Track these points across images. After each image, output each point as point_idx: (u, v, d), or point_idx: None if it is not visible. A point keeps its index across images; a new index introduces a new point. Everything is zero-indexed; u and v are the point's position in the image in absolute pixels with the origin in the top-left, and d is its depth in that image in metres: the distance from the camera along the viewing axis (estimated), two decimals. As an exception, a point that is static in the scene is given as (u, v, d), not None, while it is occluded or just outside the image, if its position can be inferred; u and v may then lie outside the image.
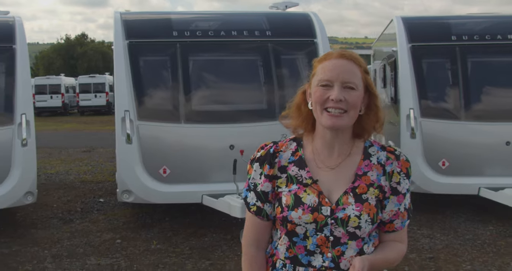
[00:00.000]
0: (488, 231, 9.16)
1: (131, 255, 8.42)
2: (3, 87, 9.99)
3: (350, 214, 2.50)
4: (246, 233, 2.79)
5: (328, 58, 2.57)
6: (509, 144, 9.96)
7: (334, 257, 2.52)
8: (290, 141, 2.74)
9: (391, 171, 2.61)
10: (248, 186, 2.74)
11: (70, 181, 14.11)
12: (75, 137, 25.41)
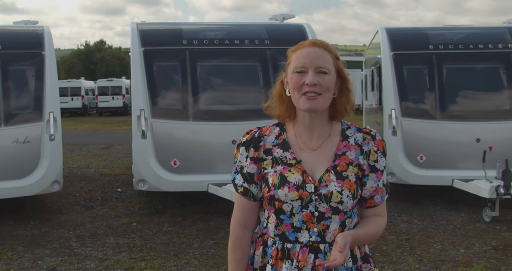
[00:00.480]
0: (460, 217, 9.38)
1: (145, 235, 8.69)
2: (33, 89, 10.20)
3: (333, 190, 2.53)
4: (234, 213, 2.80)
5: (301, 47, 2.60)
6: (479, 140, 10.11)
7: (320, 231, 2.55)
8: (273, 126, 2.77)
9: (368, 150, 2.65)
10: (235, 168, 2.76)
11: (91, 174, 14.28)
12: (94, 135, 25.23)
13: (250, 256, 2.72)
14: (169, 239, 8.49)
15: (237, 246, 2.69)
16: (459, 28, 12.49)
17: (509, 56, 10.83)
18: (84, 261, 7.36)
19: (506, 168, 8.97)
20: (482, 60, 11.17)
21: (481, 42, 11.08)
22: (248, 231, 2.71)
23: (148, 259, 7.45)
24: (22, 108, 10.21)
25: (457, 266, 6.98)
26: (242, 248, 2.69)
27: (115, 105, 42.48)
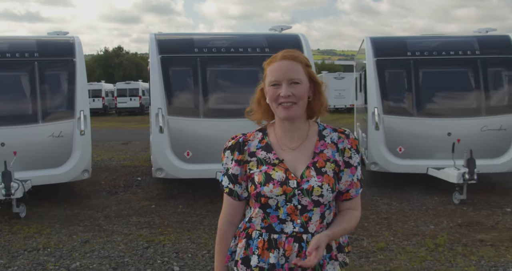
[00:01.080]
0: (433, 200, 9.78)
1: (163, 215, 9.13)
2: (66, 91, 10.52)
3: (314, 184, 2.55)
4: (222, 211, 2.83)
5: (273, 61, 2.62)
6: (450, 134, 10.37)
7: (302, 222, 2.56)
8: (256, 132, 2.78)
9: (343, 148, 2.66)
10: (223, 171, 2.77)
11: (113, 165, 14.57)
12: (114, 132, 25.10)
13: (230, 248, 2.76)
14: (183, 218, 8.91)
15: (223, 241, 2.75)
16: (434, 37, 12.71)
17: (476, 62, 11.03)
18: (112, 236, 7.79)
19: (470, 157, 9.30)
20: (453, 65, 11.40)
21: (453, 49, 11.32)
22: (234, 227, 2.76)
23: (166, 233, 7.88)
24: (56, 107, 10.48)
25: (425, 238, 7.36)
26: (227, 242, 2.75)
27: (132, 105, 42.52)
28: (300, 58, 2.58)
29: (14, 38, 11.89)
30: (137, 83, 45.86)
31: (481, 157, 9.94)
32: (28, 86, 10.40)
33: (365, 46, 11.71)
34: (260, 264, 2.56)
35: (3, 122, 9.86)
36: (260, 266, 2.56)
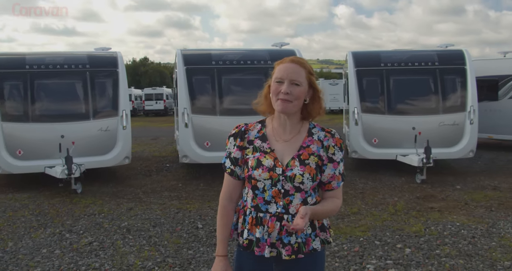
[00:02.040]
0: (400, 180, 10.48)
1: (188, 191, 9.90)
2: (111, 94, 11.11)
3: (296, 173, 2.53)
4: (222, 189, 2.78)
5: (283, 62, 2.58)
6: (414, 128, 10.93)
7: (284, 204, 2.54)
8: (256, 123, 2.75)
9: (327, 145, 2.62)
10: (226, 154, 2.74)
11: (145, 156, 15.11)
12: (144, 130, 25.34)
13: (234, 223, 2.71)
14: (203, 193, 9.69)
15: (223, 214, 2.70)
16: (403, 51, 13.07)
17: (435, 71, 11.52)
18: (150, 205, 8.67)
19: (427, 146, 10.03)
20: (417, 73, 11.79)
21: (417, 61, 11.77)
22: (232, 203, 2.72)
23: (191, 203, 8.74)
24: (104, 107, 11.07)
25: (388, 206, 8.25)
26: (227, 215, 2.70)
27: (158, 108, 42.60)
28: (305, 65, 2.59)
29: (70, 53, 12.51)
30: (162, 89, 45.85)
31: (439, 146, 10.58)
32: (81, 91, 10.96)
33: (348, 59, 12.14)
34: (250, 237, 2.58)
35: (63, 119, 10.49)
36: (249, 238, 2.58)
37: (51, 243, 6.54)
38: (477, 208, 8.08)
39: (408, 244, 6.22)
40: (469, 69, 11.37)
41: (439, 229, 6.85)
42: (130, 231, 7.05)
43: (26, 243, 6.56)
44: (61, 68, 10.86)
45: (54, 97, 10.93)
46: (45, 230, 7.20)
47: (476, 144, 11.17)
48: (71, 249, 6.29)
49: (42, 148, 10.24)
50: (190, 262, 5.71)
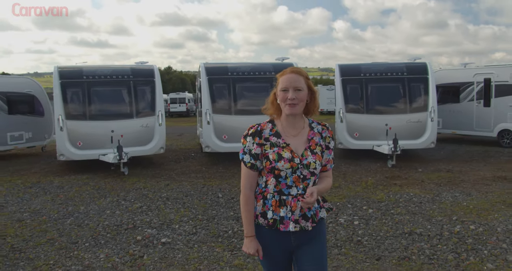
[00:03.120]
0: (376, 165, 11.45)
1: (210, 173, 10.91)
2: (150, 98, 12.01)
3: (310, 161, 2.62)
4: (243, 180, 2.74)
5: (284, 74, 2.63)
6: (386, 125, 11.76)
7: (303, 187, 2.61)
8: (267, 123, 2.74)
9: (325, 136, 2.74)
10: (243, 151, 2.70)
11: (174, 148, 15.93)
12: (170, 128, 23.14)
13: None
14: (222, 174, 10.75)
15: (248, 202, 2.70)
16: (379, 63, 13.70)
17: (404, 80, 12.32)
18: (181, 182, 9.82)
19: (395, 138, 11.03)
20: (390, 81, 12.57)
21: (390, 72, 12.61)
22: (253, 191, 2.73)
23: (213, 181, 9.86)
24: (144, 108, 11.97)
25: (362, 182, 9.33)
26: (251, 202, 2.71)
27: (181, 110, 42.94)
28: (302, 73, 2.66)
29: (117, 66, 13.42)
30: (184, 93, 46.38)
31: (406, 139, 11.54)
32: (127, 96, 11.95)
33: (335, 70, 12.97)
34: (274, 217, 2.63)
35: (113, 118, 11.53)
36: (274, 218, 2.63)
37: (112, 207, 7.84)
38: (429, 184, 9.19)
39: (371, 206, 7.45)
40: (430, 78, 12.22)
41: (396, 197, 8.05)
42: (169, 199, 8.33)
43: (93, 207, 7.85)
44: (111, 78, 11.91)
45: (106, 100, 11.95)
46: (105, 199, 8.48)
47: (436, 137, 12.05)
48: (127, 210, 7.58)
49: (96, 140, 11.28)
50: (214, 218, 6.99)
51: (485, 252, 5.25)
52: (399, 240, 5.75)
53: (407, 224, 6.45)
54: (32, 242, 5.98)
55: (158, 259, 5.28)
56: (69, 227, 6.68)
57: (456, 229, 6.15)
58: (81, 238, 6.12)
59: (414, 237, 5.86)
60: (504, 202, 7.59)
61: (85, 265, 5.13)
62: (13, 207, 7.99)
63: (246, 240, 2.73)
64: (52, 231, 6.47)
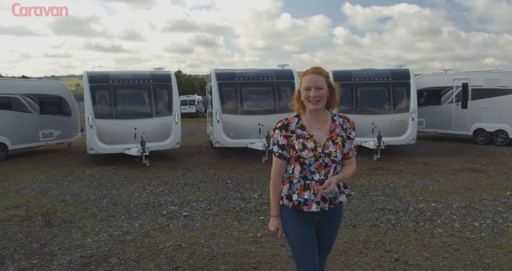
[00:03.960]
0: (365, 159, 12.13)
1: (220, 165, 11.84)
2: (167, 100, 12.76)
3: (332, 150, 2.74)
4: (273, 168, 2.88)
5: (306, 74, 2.76)
6: (373, 124, 12.57)
7: (325, 173, 2.75)
8: (293, 117, 2.86)
9: (346, 128, 2.86)
10: (273, 142, 2.85)
11: (187, 145, 16.39)
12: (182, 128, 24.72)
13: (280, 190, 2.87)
14: (230, 165, 11.70)
15: (275, 186, 2.86)
16: (367, 70, 14.46)
17: (389, 84, 13.08)
18: (196, 172, 10.82)
19: (379, 135, 11.97)
20: (376, 86, 13.28)
21: (376, 77, 13.36)
22: (280, 177, 2.87)
23: (222, 171, 10.84)
24: (163, 109, 12.77)
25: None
26: (278, 187, 2.86)
27: (191, 111, 43.24)
28: (323, 73, 2.78)
29: (138, 71, 14.31)
30: (194, 96, 47.31)
31: (390, 136, 12.45)
32: (147, 97, 12.80)
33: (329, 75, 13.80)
34: (299, 199, 2.77)
35: (136, 117, 12.45)
36: (299, 200, 2.77)
37: (139, 191, 8.94)
38: (406, 173, 10.21)
39: (354, 190, 8.50)
40: (412, 83, 13.10)
41: (376, 183, 9.11)
42: (186, 184, 9.42)
43: (123, 191, 8.95)
44: (133, 82, 12.87)
45: (129, 102, 12.86)
46: (132, 184, 9.57)
47: (416, 134, 12.95)
48: (152, 193, 8.68)
49: (121, 136, 12.25)
50: (224, 198, 8.09)
51: (438, 222, 6.34)
52: (372, 213, 6.84)
53: (381, 202, 7.54)
54: (78, 216, 7.09)
55: (181, 227, 6.39)
56: (106, 205, 7.79)
57: (419, 206, 7.24)
58: (117, 213, 7.23)
59: (385, 211, 6.95)
60: (464, 187, 8.65)
61: (124, 231, 6.23)
62: (55, 191, 9.09)
63: (271, 218, 2.95)
64: (93, 208, 7.58)
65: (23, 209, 7.57)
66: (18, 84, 15.31)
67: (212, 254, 5.23)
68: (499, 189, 8.43)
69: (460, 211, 6.87)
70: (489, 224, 6.20)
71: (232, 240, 5.74)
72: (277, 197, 2.87)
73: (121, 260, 5.08)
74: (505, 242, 5.44)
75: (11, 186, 9.71)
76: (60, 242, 5.81)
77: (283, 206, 2.85)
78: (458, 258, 4.97)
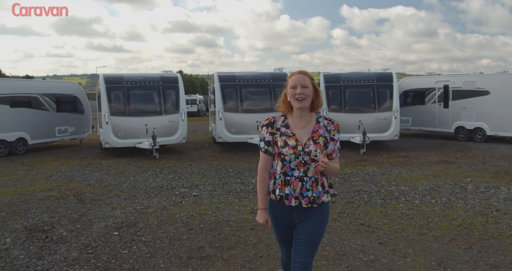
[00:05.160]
0: (352, 154, 13.41)
1: (222, 157, 13.10)
2: (175, 100, 13.91)
3: (312, 149, 2.81)
4: (260, 162, 3.01)
5: (293, 75, 2.88)
6: (360, 121, 13.72)
7: (304, 170, 2.83)
8: (280, 116, 2.97)
9: (330, 129, 2.95)
10: (260, 138, 2.97)
11: (191, 141, 17.40)
12: None
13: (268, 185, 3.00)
14: (231, 157, 12.98)
15: (262, 180, 3.00)
16: (355, 73, 15.50)
17: (374, 86, 14.24)
18: (201, 163, 12.11)
19: (364, 131, 13.16)
20: (363, 87, 14.39)
21: (363, 79, 14.50)
22: (267, 171, 3.00)
23: (225, 161, 12.12)
24: (171, 107, 13.93)
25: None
26: (265, 180, 2.99)
27: (192, 110, 43.62)
28: (308, 74, 2.90)
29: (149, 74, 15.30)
30: (195, 95, 48.38)
31: (375, 132, 13.70)
32: (157, 97, 14.01)
33: (320, 78, 14.86)
34: (280, 193, 2.88)
35: (146, 114, 13.67)
36: (280, 194, 2.88)
37: (153, 177, 10.26)
38: (387, 165, 11.52)
39: (337, 177, 9.83)
40: (394, 85, 14.34)
41: (358, 172, 10.46)
42: (193, 172, 10.77)
43: (139, 178, 10.29)
44: (144, 84, 14.15)
45: (140, 101, 14.07)
46: (146, 173, 10.92)
47: (399, 131, 14.22)
48: (164, 179, 10.04)
49: (133, 132, 13.51)
50: (227, 183, 9.45)
51: (403, 199, 7.72)
52: (349, 193, 8.22)
53: (359, 186, 8.91)
54: (105, 196, 8.45)
55: (192, 203, 7.77)
56: (126, 188, 9.16)
57: (390, 188, 8.62)
58: (137, 193, 8.60)
59: (360, 192, 8.32)
60: (434, 175, 10.02)
61: (145, 206, 7.61)
62: (80, 178, 10.46)
63: (259, 211, 3.07)
64: (116, 190, 8.95)
65: (56, 191, 8.93)
66: (38, 85, 16.68)
67: (218, 220, 6.61)
68: (463, 177, 9.79)
69: (423, 192, 8.25)
70: (443, 201, 7.57)
71: (233, 211, 7.12)
72: (264, 190, 3.02)
73: (146, 225, 6.45)
74: (451, 213, 6.82)
75: (39, 174, 11.07)
76: (94, 213, 7.18)
77: (271, 200, 3.01)
78: (410, 223, 6.34)
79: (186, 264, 4.89)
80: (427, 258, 4.96)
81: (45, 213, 7.23)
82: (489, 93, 15.84)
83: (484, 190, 8.41)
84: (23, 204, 7.85)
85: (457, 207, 7.20)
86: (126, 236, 5.95)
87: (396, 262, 4.85)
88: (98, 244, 5.62)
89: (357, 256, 5.05)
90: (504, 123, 15.48)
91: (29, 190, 9.01)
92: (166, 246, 5.50)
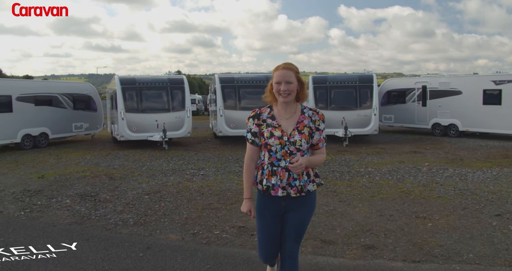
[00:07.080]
0: (335, 146, 15.40)
1: (222, 148, 15.14)
2: (181, 99, 15.83)
3: (297, 139, 2.87)
4: (246, 153, 3.11)
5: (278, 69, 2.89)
6: (344, 118, 15.54)
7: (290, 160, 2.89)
8: (266, 108, 3.05)
9: (314, 120, 3.00)
10: (247, 130, 3.07)
11: (193, 136, 18.96)
12: None
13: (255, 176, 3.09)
14: (230, 148, 15.02)
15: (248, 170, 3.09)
16: (339, 75, 17.26)
17: (356, 87, 16.10)
18: (205, 153, 14.20)
19: (345, 126, 15.22)
20: (346, 88, 16.18)
21: (347, 81, 16.43)
22: (253, 162, 3.08)
23: (225, 152, 14.20)
24: (177, 105, 15.88)
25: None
26: (251, 170, 3.07)
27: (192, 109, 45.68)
28: (293, 68, 2.93)
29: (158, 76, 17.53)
30: (195, 95, 50.20)
31: (356, 128, 15.68)
32: (165, 96, 15.99)
33: (309, 80, 16.65)
34: (267, 184, 2.97)
35: (156, 111, 15.66)
36: (267, 184, 2.97)
37: (166, 163, 12.47)
38: (363, 154, 13.66)
39: (319, 162, 12.11)
40: (374, 86, 16.33)
41: (337, 159, 12.68)
42: (199, 159, 13.01)
43: (154, 163, 12.51)
44: (154, 85, 16.19)
45: (151, 100, 16.07)
46: (159, 160, 13.14)
47: (378, 126, 16.23)
48: (176, 164, 12.27)
49: (145, 127, 15.55)
50: (227, 166, 11.67)
51: (367, 177, 9.99)
52: (325, 173, 10.47)
53: (334, 167, 11.18)
54: (130, 175, 10.68)
55: (201, 179, 10.03)
56: (146, 170, 11.40)
57: (360, 169, 10.89)
58: (155, 173, 10.85)
59: (335, 172, 10.58)
60: (399, 161, 12.28)
61: (164, 181, 9.86)
62: (104, 164, 12.69)
63: (244, 201, 3.14)
64: (137, 172, 11.19)
65: (89, 172, 11.16)
66: (58, 85, 19.03)
67: (222, 189, 8.86)
68: (424, 162, 12.03)
69: (384, 172, 10.51)
70: (398, 178, 9.83)
71: (234, 184, 9.38)
72: (250, 180, 3.10)
73: (168, 192, 8.70)
74: (400, 185, 9.08)
75: (68, 161, 13.30)
76: (125, 186, 9.42)
77: (258, 191, 3.11)
78: (367, 191, 8.60)
79: (202, 212, 7.16)
80: (371, 208, 7.22)
81: (87, 186, 9.45)
82: (462, 93, 17.93)
83: (435, 171, 10.65)
84: (66, 181, 10.07)
85: (407, 181, 9.45)
86: (154, 198, 8.20)
87: (347, 211, 7.11)
88: (135, 203, 7.86)
89: (322, 208, 7.31)
90: (474, 120, 17.56)
91: (66, 172, 11.24)
92: (185, 203, 7.75)
